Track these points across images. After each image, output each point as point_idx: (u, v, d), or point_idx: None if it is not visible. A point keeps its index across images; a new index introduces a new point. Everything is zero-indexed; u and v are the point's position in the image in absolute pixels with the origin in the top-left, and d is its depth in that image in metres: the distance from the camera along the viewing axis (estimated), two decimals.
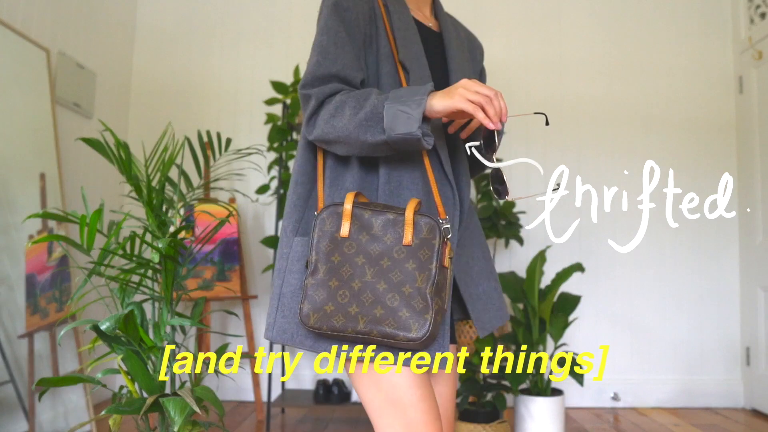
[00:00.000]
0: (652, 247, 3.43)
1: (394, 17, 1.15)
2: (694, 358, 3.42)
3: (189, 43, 3.71)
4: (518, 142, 3.56)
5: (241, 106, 3.64)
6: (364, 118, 0.99)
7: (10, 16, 2.56)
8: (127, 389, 1.72)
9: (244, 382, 3.38)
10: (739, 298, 3.46)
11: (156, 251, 1.67)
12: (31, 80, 2.65)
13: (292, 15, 3.71)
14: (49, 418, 2.41)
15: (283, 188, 3.11)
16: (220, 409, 1.61)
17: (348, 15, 1.10)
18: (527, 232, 3.18)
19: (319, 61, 1.07)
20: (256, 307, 3.45)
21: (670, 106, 3.57)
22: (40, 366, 2.39)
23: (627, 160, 3.47)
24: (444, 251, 0.97)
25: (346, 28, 1.09)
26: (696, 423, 3.05)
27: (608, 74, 3.60)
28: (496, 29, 3.66)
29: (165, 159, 1.82)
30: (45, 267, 2.49)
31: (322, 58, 1.07)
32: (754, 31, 3.39)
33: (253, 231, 3.53)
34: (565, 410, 3.05)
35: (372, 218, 0.99)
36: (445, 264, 0.98)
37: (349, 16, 1.10)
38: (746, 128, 3.44)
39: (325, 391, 2.96)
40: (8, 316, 2.28)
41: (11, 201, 2.41)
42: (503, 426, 2.66)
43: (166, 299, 1.75)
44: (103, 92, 3.35)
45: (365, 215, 1.00)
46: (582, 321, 3.33)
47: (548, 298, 2.62)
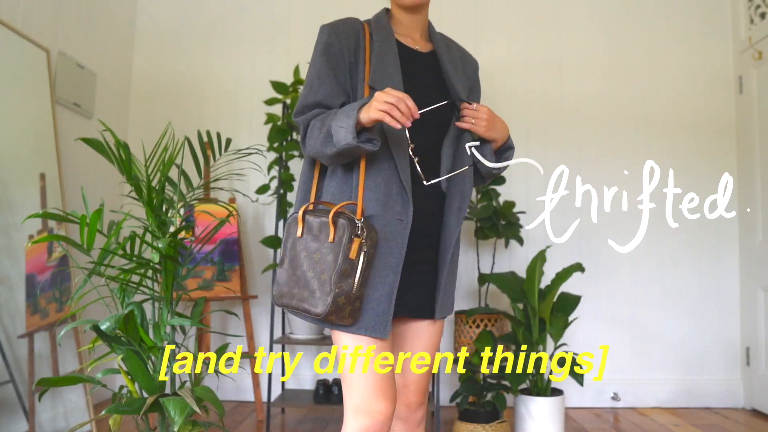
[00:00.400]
0: (652, 247, 3.43)
1: (375, 45, 1.36)
2: (694, 358, 3.42)
3: (189, 43, 3.71)
4: (518, 142, 3.54)
5: (241, 106, 3.64)
6: (323, 136, 1.25)
7: (10, 16, 2.56)
8: (127, 389, 1.72)
9: (244, 382, 3.38)
10: (739, 298, 3.46)
11: (156, 251, 1.67)
12: (31, 80, 2.65)
13: (292, 15, 3.71)
14: (49, 418, 2.41)
15: (283, 188, 3.11)
16: (220, 409, 1.61)
17: (332, 49, 1.34)
18: (527, 232, 3.18)
19: (306, 93, 1.34)
20: (256, 307, 3.45)
21: (670, 106, 3.57)
22: (40, 366, 2.39)
23: (627, 160, 3.47)
24: (351, 246, 1.21)
25: (329, 61, 1.33)
26: (696, 423, 3.05)
27: (608, 74, 3.60)
28: (496, 29, 3.66)
29: (165, 159, 1.82)
30: (45, 267, 2.49)
31: (308, 90, 1.34)
32: (754, 31, 3.39)
33: (253, 231, 3.53)
34: (565, 410, 3.05)
35: (313, 222, 1.26)
36: (351, 256, 1.21)
37: (334, 50, 1.34)
38: (746, 128, 3.44)
39: (325, 391, 2.96)
40: (8, 316, 2.28)
41: (11, 201, 2.41)
42: (503, 426, 2.66)
43: (166, 299, 1.75)
44: (103, 92, 3.35)
45: (310, 219, 1.27)
46: (582, 321, 3.33)
47: (548, 298, 2.62)
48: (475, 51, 3.65)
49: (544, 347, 2.67)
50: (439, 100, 1.34)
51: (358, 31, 1.38)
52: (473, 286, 3.38)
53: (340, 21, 1.40)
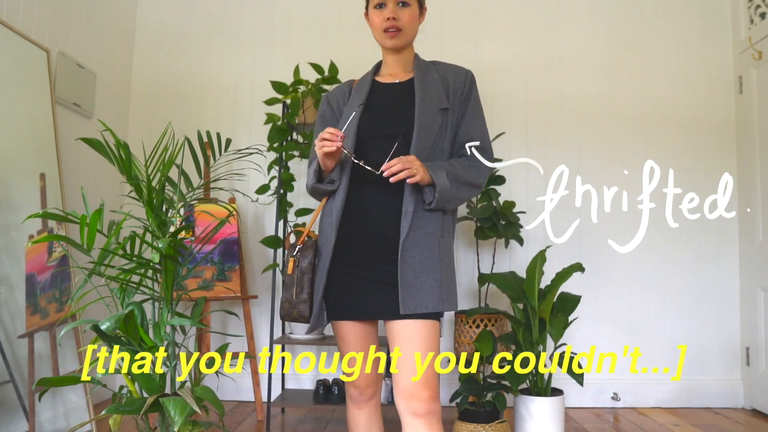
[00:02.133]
0: (652, 247, 3.43)
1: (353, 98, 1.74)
2: (694, 358, 3.42)
3: (189, 43, 3.70)
4: (518, 142, 3.56)
5: (241, 106, 3.64)
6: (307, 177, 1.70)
7: (10, 16, 2.56)
8: (127, 389, 1.72)
9: (244, 382, 3.38)
10: (739, 298, 3.46)
11: (156, 251, 1.67)
12: (31, 80, 2.65)
13: (292, 15, 3.71)
14: (49, 418, 2.41)
15: (283, 188, 3.11)
16: (220, 409, 1.61)
17: (325, 116, 1.78)
18: (527, 232, 3.17)
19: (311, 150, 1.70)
20: (256, 307, 3.45)
21: (670, 106, 3.57)
22: (40, 366, 2.38)
23: (627, 160, 3.47)
24: (288, 264, 1.64)
25: (322, 120, 1.78)
26: (696, 423, 3.05)
27: (608, 74, 3.60)
28: (496, 29, 3.66)
29: (165, 159, 1.82)
30: (45, 267, 2.48)
31: (312, 148, 1.68)
32: (754, 31, 3.39)
33: (253, 231, 3.52)
34: (565, 410, 3.05)
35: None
36: (288, 272, 1.63)
37: (326, 117, 1.78)
38: (746, 128, 3.44)
39: (325, 391, 2.96)
40: (8, 316, 2.28)
41: (11, 201, 2.41)
42: (503, 426, 2.66)
43: (166, 299, 1.75)
44: (103, 92, 3.35)
45: None
46: (582, 321, 3.33)
47: (548, 298, 2.62)
48: (475, 51, 3.65)
49: (544, 347, 2.67)
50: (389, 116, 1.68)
51: (345, 92, 1.79)
52: (473, 286, 3.38)
53: (335, 88, 1.84)
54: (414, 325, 1.55)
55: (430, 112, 1.64)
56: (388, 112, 1.69)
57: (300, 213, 3.12)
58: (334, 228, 1.61)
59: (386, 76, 1.77)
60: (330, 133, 1.51)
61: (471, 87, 1.73)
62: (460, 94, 1.71)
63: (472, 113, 1.71)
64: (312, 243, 1.65)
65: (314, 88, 3.09)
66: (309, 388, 3.37)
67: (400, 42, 1.70)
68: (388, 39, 1.70)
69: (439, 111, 1.65)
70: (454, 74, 1.74)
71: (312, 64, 3.17)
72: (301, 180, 3.38)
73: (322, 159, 1.56)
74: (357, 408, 1.73)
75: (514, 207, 2.99)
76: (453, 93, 1.70)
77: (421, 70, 1.73)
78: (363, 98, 1.70)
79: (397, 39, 1.69)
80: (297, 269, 1.62)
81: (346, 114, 1.70)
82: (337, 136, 1.50)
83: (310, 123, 3.10)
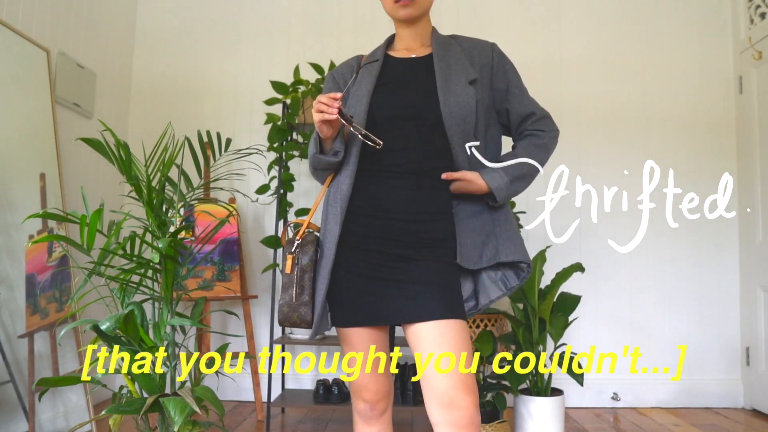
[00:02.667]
0: (652, 247, 3.43)
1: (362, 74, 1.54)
2: (694, 358, 3.42)
3: (189, 43, 3.70)
4: None
5: (241, 106, 3.64)
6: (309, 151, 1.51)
7: (10, 16, 2.56)
8: (127, 389, 1.72)
9: (244, 382, 3.38)
10: (739, 298, 3.46)
11: (156, 251, 1.67)
12: (31, 80, 2.65)
13: (292, 15, 3.71)
14: (49, 418, 2.41)
15: (283, 188, 3.11)
16: (220, 409, 1.61)
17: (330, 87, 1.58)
18: (527, 232, 3.17)
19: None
20: (256, 306, 3.45)
21: (670, 106, 3.57)
22: (40, 366, 2.38)
23: (627, 160, 3.47)
24: (286, 263, 1.43)
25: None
26: (696, 423, 3.05)
27: (608, 74, 3.60)
28: (496, 29, 3.66)
29: (165, 159, 1.82)
30: (45, 267, 2.48)
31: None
32: (754, 31, 3.39)
33: (253, 231, 3.52)
34: (565, 410, 3.05)
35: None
36: (287, 270, 1.43)
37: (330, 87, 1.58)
38: (746, 128, 3.44)
39: (325, 391, 2.96)
40: (8, 316, 2.28)
41: (11, 201, 2.41)
42: (503, 426, 2.66)
43: (166, 299, 1.75)
44: (103, 92, 3.35)
45: None
46: (582, 321, 3.33)
47: (548, 298, 2.62)
48: None
49: (544, 347, 2.67)
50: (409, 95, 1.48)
51: (352, 67, 1.59)
52: None
53: (341, 63, 1.64)
54: (447, 325, 1.34)
55: (458, 88, 1.45)
56: (404, 90, 1.49)
57: (300, 213, 3.12)
58: (339, 221, 1.42)
59: (401, 51, 1.57)
60: (328, 97, 1.33)
61: (501, 59, 1.56)
62: (490, 69, 1.53)
63: (518, 85, 1.58)
64: (313, 237, 1.45)
65: (314, 88, 3.10)
66: (309, 388, 3.37)
67: (415, 11, 1.50)
68: (400, 9, 1.49)
69: (468, 84, 1.46)
70: (479, 48, 1.56)
71: (312, 64, 3.17)
72: (301, 180, 3.38)
73: (319, 126, 1.37)
74: (366, 425, 1.51)
75: (514, 207, 2.99)
76: (481, 69, 1.52)
77: (441, 45, 1.53)
78: (375, 74, 1.50)
79: (411, 8, 1.49)
80: (296, 267, 1.42)
81: (355, 93, 1.50)
82: (335, 100, 1.32)
83: (310, 123, 3.10)
